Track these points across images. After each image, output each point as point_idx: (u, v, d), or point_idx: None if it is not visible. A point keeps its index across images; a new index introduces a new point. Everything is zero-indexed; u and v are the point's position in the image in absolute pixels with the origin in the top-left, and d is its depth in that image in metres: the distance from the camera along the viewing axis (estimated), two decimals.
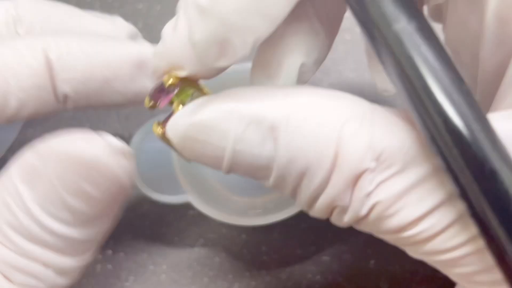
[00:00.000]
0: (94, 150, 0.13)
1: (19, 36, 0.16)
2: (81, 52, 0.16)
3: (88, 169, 0.13)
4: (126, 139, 0.26)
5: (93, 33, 0.19)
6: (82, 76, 0.16)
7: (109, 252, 0.26)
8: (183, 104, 0.15)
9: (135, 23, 0.30)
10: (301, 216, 0.27)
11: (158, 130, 0.14)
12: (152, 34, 0.30)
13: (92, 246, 0.15)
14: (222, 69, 0.13)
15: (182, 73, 0.13)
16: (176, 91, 0.14)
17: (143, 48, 0.17)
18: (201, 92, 0.16)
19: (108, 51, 0.16)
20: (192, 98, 0.15)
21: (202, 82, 0.16)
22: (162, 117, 0.15)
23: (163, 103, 0.14)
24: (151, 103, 0.14)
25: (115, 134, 0.28)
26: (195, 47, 0.12)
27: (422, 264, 0.26)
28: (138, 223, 0.26)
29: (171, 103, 0.14)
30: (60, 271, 0.14)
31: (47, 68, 0.15)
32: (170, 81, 0.14)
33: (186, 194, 0.23)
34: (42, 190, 0.13)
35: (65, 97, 0.16)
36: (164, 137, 0.14)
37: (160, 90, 0.14)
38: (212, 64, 0.12)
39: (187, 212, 0.27)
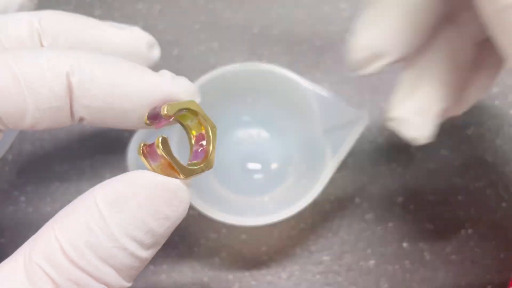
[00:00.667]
0: (175, 180, 0.15)
1: (44, 50, 0.16)
2: (104, 81, 0.16)
3: (171, 195, 0.15)
4: (127, 138, 0.26)
5: (114, 44, 0.19)
6: (101, 105, 0.16)
7: None
8: (184, 123, 0.17)
9: (135, 23, 0.30)
10: (301, 216, 0.27)
11: (139, 149, 0.15)
12: (152, 34, 0.30)
13: (140, 271, 0.16)
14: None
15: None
16: (169, 120, 0.16)
17: (165, 82, 0.17)
18: (200, 122, 0.17)
19: (131, 84, 0.16)
20: (193, 120, 0.17)
21: (203, 112, 0.17)
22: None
23: (157, 126, 0.16)
24: (147, 122, 0.16)
25: (116, 133, 0.28)
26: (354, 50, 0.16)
27: (421, 264, 0.26)
28: None
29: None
30: None
31: (68, 92, 0.15)
32: (165, 111, 0.15)
33: None
34: (127, 215, 0.14)
35: (81, 119, 0.16)
36: (141, 158, 0.15)
37: (155, 114, 0.16)
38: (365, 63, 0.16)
39: (187, 212, 0.27)
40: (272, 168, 0.27)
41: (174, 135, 0.22)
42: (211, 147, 0.17)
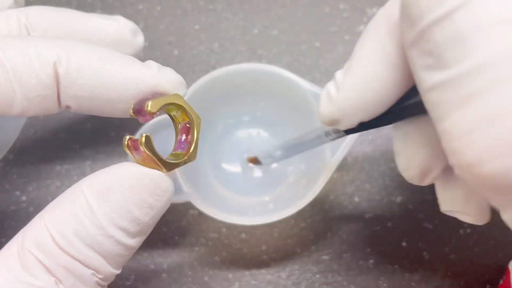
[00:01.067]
0: (159, 172, 0.16)
1: (33, 39, 0.16)
2: (90, 71, 0.16)
3: (154, 185, 0.16)
4: None
5: (102, 34, 0.20)
6: (87, 95, 0.16)
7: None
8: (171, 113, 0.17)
9: (136, 24, 0.30)
10: (301, 216, 0.27)
11: (125, 142, 0.16)
12: (152, 35, 0.30)
13: (128, 259, 0.17)
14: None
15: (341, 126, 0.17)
16: (152, 117, 0.16)
17: (151, 73, 0.17)
18: (185, 114, 0.17)
19: (117, 74, 0.16)
20: (178, 112, 0.17)
21: (188, 106, 0.18)
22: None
23: (142, 120, 0.17)
24: (133, 115, 0.17)
25: (117, 134, 0.28)
26: (320, 115, 0.17)
27: (420, 264, 0.26)
28: None
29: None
30: (104, 280, 0.16)
31: (55, 82, 0.16)
32: (149, 108, 0.16)
33: (187, 193, 0.23)
34: (112, 204, 0.15)
35: (67, 107, 0.17)
36: (127, 150, 0.16)
37: (139, 109, 0.16)
38: (329, 124, 0.17)
39: (187, 212, 0.27)
40: (272, 168, 0.27)
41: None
42: (194, 139, 0.17)
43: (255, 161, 0.25)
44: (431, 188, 0.28)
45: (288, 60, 0.30)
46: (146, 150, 0.16)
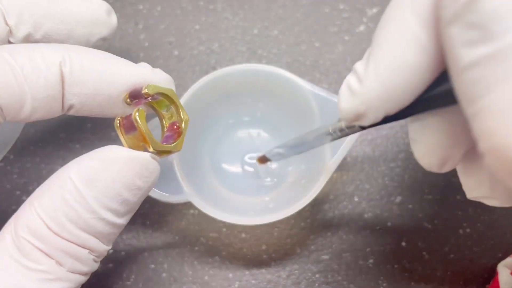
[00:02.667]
0: (145, 154, 0.17)
1: (37, 45, 0.17)
2: (92, 69, 0.17)
3: (141, 167, 0.16)
4: None
5: (78, 15, 0.20)
6: (90, 92, 0.17)
7: (110, 251, 0.26)
8: (160, 110, 0.19)
9: (136, 24, 0.31)
10: (301, 216, 0.27)
11: (116, 122, 0.17)
12: (152, 35, 0.30)
13: (118, 234, 0.17)
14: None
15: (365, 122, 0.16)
16: (148, 99, 0.17)
17: (145, 71, 0.18)
18: (176, 109, 0.19)
19: (117, 72, 0.17)
20: (168, 109, 0.19)
21: (179, 102, 0.19)
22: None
23: (136, 104, 0.18)
24: (127, 101, 0.17)
25: (116, 135, 0.28)
26: (341, 111, 0.16)
27: (420, 263, 0.26)
28: (139, 222, 0.27)
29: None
30: (98, 257, 0.17)
31: (61, 81, 0.16)
32: (146, 90, 0.17)
33: (187, 193, 0.23)
34: (102, 188, 0.16)
35: (70, 107, 0.17)
36: (118, 131, 0.17)
37: (136, 93, 0.17)
38: (352, 120, 0.16)
39: (187, 212, 0.27)
40: (272, 168, 0.27)
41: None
42: (182, 135, 0.18)
43: (264, 159, 0.25)
44: (431, 188, 0.28)
45: (288, 60, 0.30)
46: (139, 124, 0.16)
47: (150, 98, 0.17)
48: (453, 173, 0.27)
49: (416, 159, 0.17)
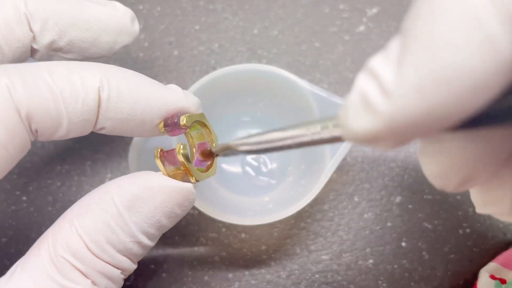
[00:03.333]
0: (189, 185, 0.17)
1: (73, 65, 0.17)
2: (129, 94, 0.17)
3: (183, 198, 0.17)
4: (128, 139, 0.26)
5: (103, 24, 0.20)
6: (124, 117, 0.17)
7: None
8: (192, 137, 0.19)
9: None
10: (301, 216, 0.27)
11: (157, 153, 0.17)
12: (152, 35, 0.30)
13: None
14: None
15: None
16: (186, 130, 0.17)
17: (178, 97, 0.18)
18: (207, 132, 0.19)
19: (152, 98, 0.17)
20: (198, 132, 0.19)
21: (210, 125, 0.19)
22: None
23: (172, 134, 0.18)
24: (163, 130, 0.18)
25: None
26: (348, 130, 0.11)
27: (420, 263, 0.26)
28: None
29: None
30: (126, 275, 0.17)
31: (97, 106, 0.16)
32: (184, 122, 0.17)
33: None
34: (143, 215, 0.16)
35: (101, 128, 0.17)
36: (158, 161, 0.17)
37: (173, 123, 0.17)
38: (365, 144, 0.12)
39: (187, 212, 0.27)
40: (272, 168, 0.27)
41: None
42: (216, 158, 0.19)
43: (227, 148, 0.19)
44: (431, 188, 0.28)
45: (288, 60, 0.30)
46: (183, 160, 0.17)
47: (188, 128, 0.18)
48: None
49: (425, 175, 0.14)
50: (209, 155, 0.19)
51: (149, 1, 0.31)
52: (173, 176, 0.17)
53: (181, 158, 0.17)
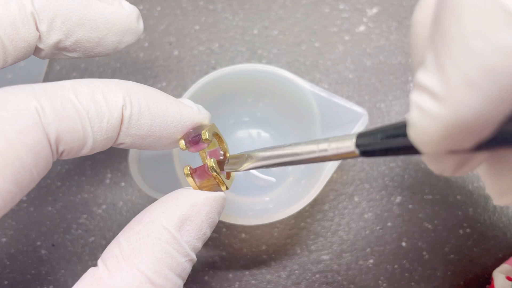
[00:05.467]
0: (223, 194, 0.18)
1: (95, 83, 0.16)
2: (149, 112, 0.17)
3: (221, 205, 0.18)
4: None
5: (110, 23, 0.20)
6: (144, 134, 0.17)
7: None
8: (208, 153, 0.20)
9: None
10: (301, 216, 0.27)
11: (187, 172, 0.18)
12: (152, 35, 0.30)
13: None
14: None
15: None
16: (208, 145, 0.18)
17: (193, 112, 0.18)
18: (219, 140, 0.20)
19: (169, 114, 0.18)
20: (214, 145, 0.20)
21: (221, 134, 0.20)
22: None
23: (194, 149, 0.18)
24: (184, 147, 0.18)
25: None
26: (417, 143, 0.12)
27: (420, 263, 0.26)
28: None
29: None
30: None
31: (120, 124, 0.16)
32: (207, 136, 0.17)
33: None
34: (193, 231, 0.17)
35: (120, 144, 0.18)
36: (189, 179, 0.18)
37: (196, 140, 0.18)
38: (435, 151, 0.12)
39: None
40: (272, 168, 0.27)
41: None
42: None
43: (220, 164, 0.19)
44: (431, 188, 0.28)
45: (288, 60, 0.30)
46: (215, 172, 0.18)
47: (210, 143, 0.18)
48: None
49: (425, 162, 0.14)
50: (222, 163, 0.19)
51: (149, 1, 0.31)
52: (203, 189, 0.18)
53: (214, 172, 0.18)
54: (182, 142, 0.18)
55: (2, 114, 0.14)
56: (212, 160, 0.18)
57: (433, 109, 0.11)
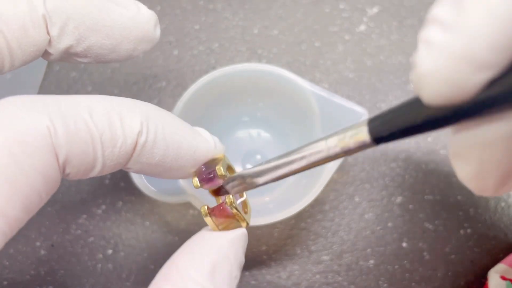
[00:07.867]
0: (245, 230, 0.17)
1: (113, 103, 0.15)
2: (163, 141, 0.16)
3: (245, 242, 0.17)
4: None
5: (126, 31, 0.18)
6: (154, 163, 0.16)
7: (110, 252, 0.26)
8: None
9: None
10: (301, 216, 0.27)
11: (205, 212, 0.17)
12: None
13: None
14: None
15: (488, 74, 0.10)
16: (223, 180, 0.17)
17: (209, 146, 0.17)
18: (230, 171, 0.18)
19: (182, 145, 0.16)
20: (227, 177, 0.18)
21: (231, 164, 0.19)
22: None
23: (208, 186, 0.17)
24: (198, 184, 0.17)
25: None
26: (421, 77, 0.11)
27: (421, 264, 0.26)
28: (139, 223, 0.27)
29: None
30: None
31: (133, 150, 0.15)
32: (222, 172, 0.17)
33: (186, 194, 0.23)
34: (225, 277, 0.16)
35: (127, 169, 0.17)
36: (208, 219, 0.17)
37: (211, 177, 0.17)
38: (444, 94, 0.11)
39: (187, 212, 0.27)
40: None
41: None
42: (245, 195, 0.19)
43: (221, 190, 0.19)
44: (431, 188, 0.28)
45: (288, 60, 0.30)
46: (235, 209, 0.17)
47: (225, 179, 0.17)
48: (454, 174, 0.27)
49: (460, 180, 0.13)
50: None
51: (149, 1, 0.31)
52: (226, 228, 0.17)
53: (235, 211, 0.17)
54: (196, 180, 0.17)
55: (12, 135, 0.13)
56: (231, 197, 0.17)
57: (443, 40, 0.10)
